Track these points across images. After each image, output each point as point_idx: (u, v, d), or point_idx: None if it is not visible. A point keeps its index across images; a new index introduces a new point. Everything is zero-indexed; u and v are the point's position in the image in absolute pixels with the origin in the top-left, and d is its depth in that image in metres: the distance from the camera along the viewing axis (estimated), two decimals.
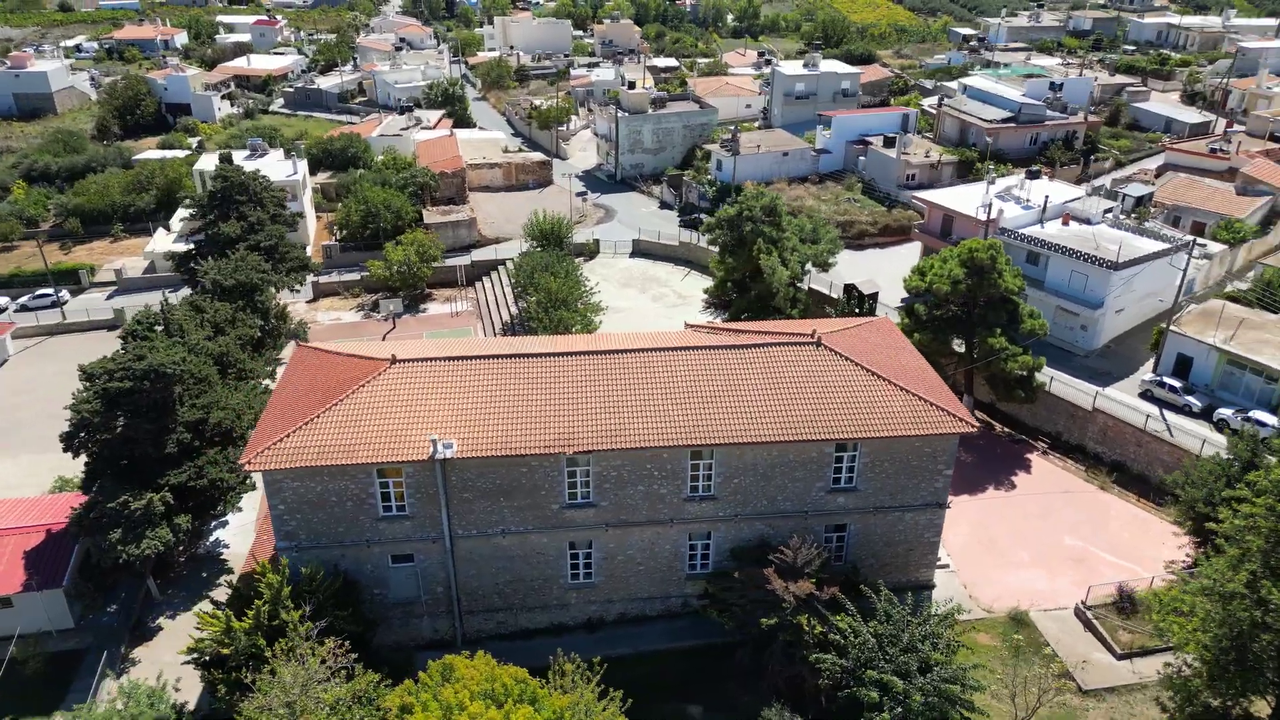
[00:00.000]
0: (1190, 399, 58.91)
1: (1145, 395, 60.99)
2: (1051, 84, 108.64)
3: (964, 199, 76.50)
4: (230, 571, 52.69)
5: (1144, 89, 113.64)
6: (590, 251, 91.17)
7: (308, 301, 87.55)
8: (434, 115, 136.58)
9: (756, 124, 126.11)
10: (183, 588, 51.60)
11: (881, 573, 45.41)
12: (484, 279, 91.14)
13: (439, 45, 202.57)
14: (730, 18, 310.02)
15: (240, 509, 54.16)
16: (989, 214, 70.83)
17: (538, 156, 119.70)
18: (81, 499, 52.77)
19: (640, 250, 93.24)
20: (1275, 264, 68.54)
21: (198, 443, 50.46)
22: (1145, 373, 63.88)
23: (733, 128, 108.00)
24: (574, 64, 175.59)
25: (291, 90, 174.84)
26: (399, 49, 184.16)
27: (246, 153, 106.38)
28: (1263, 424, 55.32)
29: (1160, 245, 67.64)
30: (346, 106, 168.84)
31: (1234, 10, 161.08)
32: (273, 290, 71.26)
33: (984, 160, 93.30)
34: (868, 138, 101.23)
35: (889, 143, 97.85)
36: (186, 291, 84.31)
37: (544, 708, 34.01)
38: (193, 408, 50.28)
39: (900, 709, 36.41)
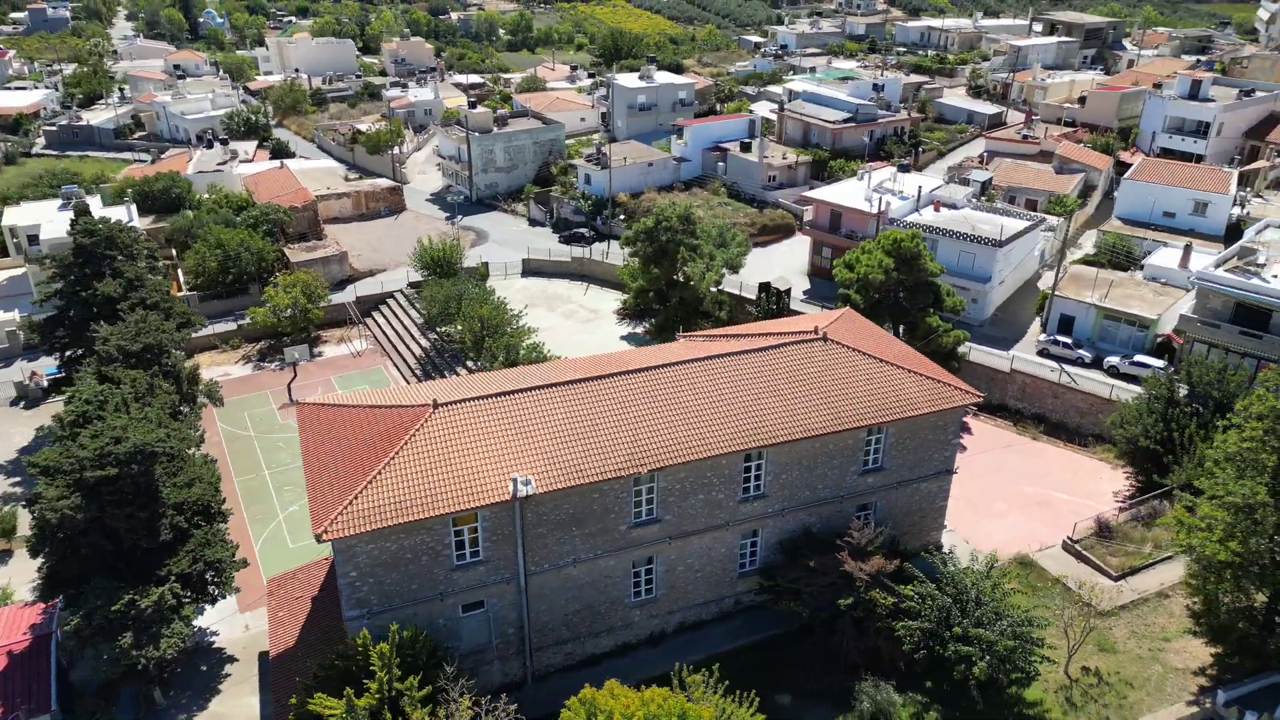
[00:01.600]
0: (1081, 352, 68.09)
1: (1043, 353, 69.65)
2: (875, 85, 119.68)
3: (846, 195, 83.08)
4: (233, 660, 48.10)
5: (937, 86, 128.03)
6: (481, 274, 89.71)
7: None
8: (248, 147, 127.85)
9: (597, 136, 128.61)
10: (185, 687, 46.43)
11: (901, 540, 49.43)
12: (373, 314, 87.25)
13: (219, 72, 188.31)
14: (503, 32, 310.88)
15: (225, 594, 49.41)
16: (879, 207, 77.61)
17: (386, 183, 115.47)
18: (35, 609, 46.65)
19: (531, 269, 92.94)
20: (1110, 230, 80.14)
21: (185, 524, 45.75)
22: (1033, 335, 72.89)
23: (596, 142, 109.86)
24: (386, 84, 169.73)
25: (54, 129, 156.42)
26: (180, 77, 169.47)
27: (60, 203, 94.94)
28: (1146, 365, 65.22)
29: (1025, 222, 77.24)
30: (126, 143, 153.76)
31: (980, 13, 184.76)
32: (179, 352, 64.87)
33: (834, 159, 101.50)
34: (722, 144, 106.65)
35: (745, 148, 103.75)
36: (47, 362, 75.06)
37: None
38: (175, 487, 45.53)
39: (990, 657, 40.36)
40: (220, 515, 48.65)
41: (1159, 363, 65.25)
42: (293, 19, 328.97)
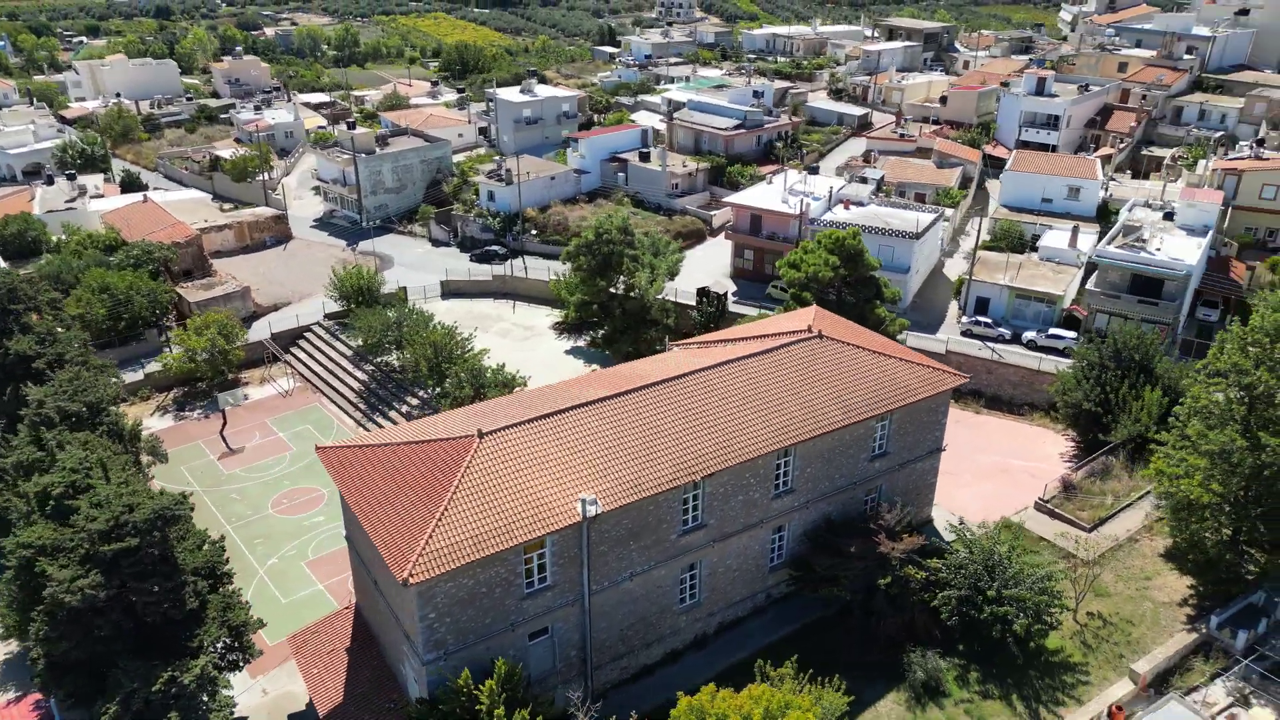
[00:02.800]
0: (1001, 330, 74.46)
1: (966, 334, 75.58)
2: (755, 92, 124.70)
3: (763, 199, 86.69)
4: None
5: (802, 91, 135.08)
6: (400, 299, 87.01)
7: None
8: (95, 181, 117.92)
9: (480, 151, 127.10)
10: None
11: (908, 514, 52.76)
12: (292, 350, 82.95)
13: (32, 101, 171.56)
14: (328, 47, 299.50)
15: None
16: (800, 208, 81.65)
17: (270, 211, 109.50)
18: (24, 706, 42.44)
19: (451, 291, 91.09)
20: (1001, 217, 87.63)
21: (205, 588, 42.68)
22: (951, 318, 78.92)
23: (496, 158, 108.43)
24: (236, 106, 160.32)
25: None
26: None
27: None
28: (1060, 337, 72.24)
29: (931, 215, 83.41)
30: None
31: (819, 20, 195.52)
32: (115, 408, 59.62)
33: (731, 165, 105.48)
34: (619, 155, 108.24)
35: (644, 157, 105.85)
36: None
37: (801, 709, 36.21)
38: (188, 551, 42.41)
39: (1023, 615, 44.14)
40: (226, 576, 45.58)
41: (1071, 334, 72.40)
42: (83, 39, 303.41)
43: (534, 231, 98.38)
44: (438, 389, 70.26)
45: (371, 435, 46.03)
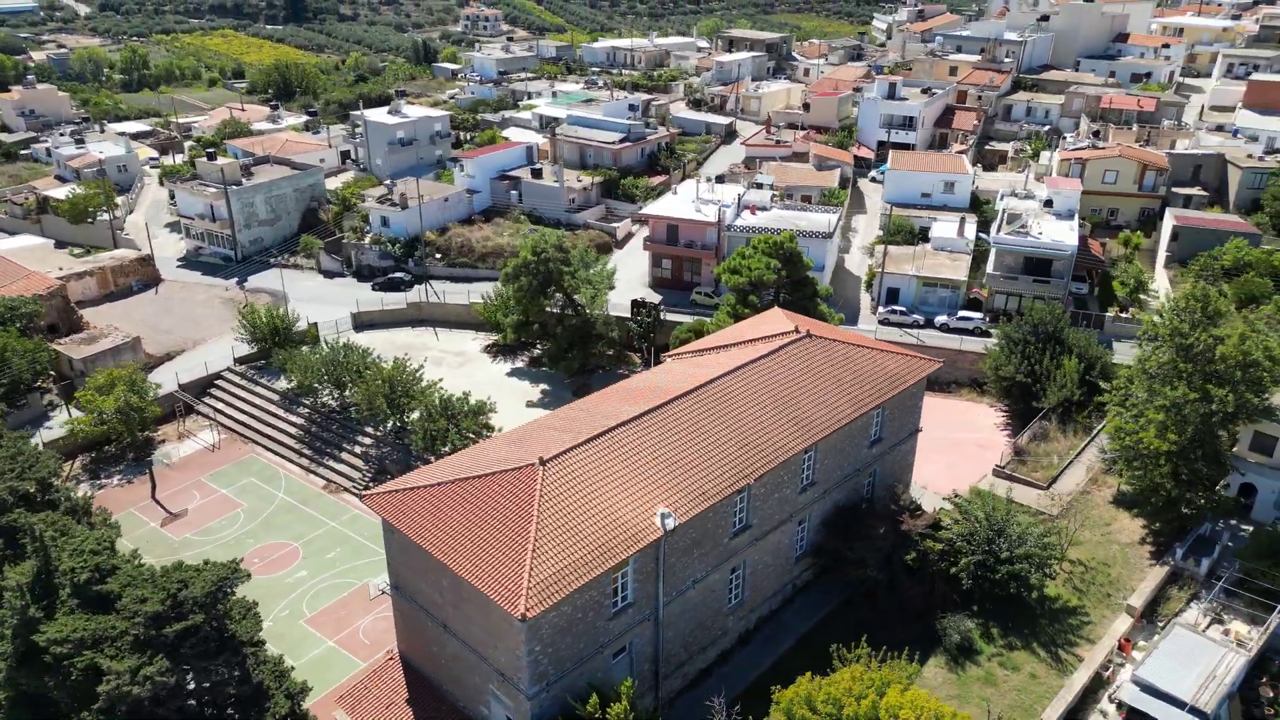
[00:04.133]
0: (915, 316, 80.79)
1: (884, 322, 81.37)
2: (631, 105, 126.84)
3: (676, 209, 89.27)
4: None
5: (664, 102, 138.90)
6: (312, 336, 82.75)
7: None
8: None
9: (350, 176, 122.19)
10: None
11: (886, 495, 56.80)
12: (205, 400, 77.11)
13: None
14: (112, 71, 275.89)
15: None
16: (719, 217, 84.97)
17: (132, 253, 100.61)
18: None
19: (364, 323, 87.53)
20: (893, 213, 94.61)
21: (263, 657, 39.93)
22: (865, 309, 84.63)
23: (387, 182, 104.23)
24: (43, 139, 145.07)
25: None
26: None
27: None
28: (969, 319, 79.35)
29: (835, 215, 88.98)
30: None
31: (655, 33, 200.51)
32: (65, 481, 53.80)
33: (623, 177, 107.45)
34: (508, 172, 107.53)
35: (536, 174, 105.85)
36: None
37: (900, 684, 38.90)
38: (239, 621, 39.53)
39: (1035, 571, 48.99)
40: (260, 643, 42.66)
41: (977, 315, 79.69)
42: None
43: (438, 255, 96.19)
44: (397, 424, 67.88)
45: (415, 476, 44.27)
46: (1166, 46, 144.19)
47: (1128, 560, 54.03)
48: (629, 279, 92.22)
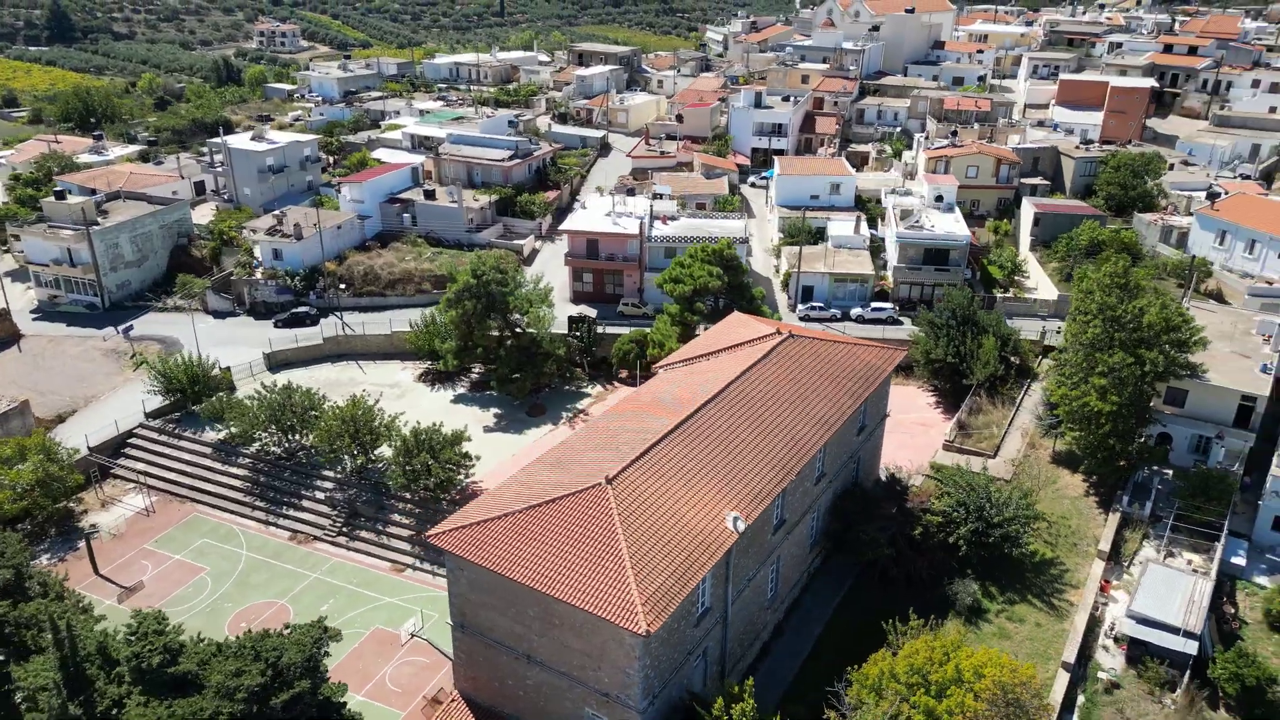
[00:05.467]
0: (833, 310, 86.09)
1: (805, 319, 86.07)
2: (510, 121, 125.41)
3: (594, 223, 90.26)
4: None
5: (530, 117, 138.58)
6: (228, 382, 77.47)
7: None
8: None
9: (213, 207, 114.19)
10: None
11: (865, 478, 61.05)
12: (119, 460, 70.57)
13: None
14: None
15: None
16: (641, 228, 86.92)
17: None
18: None
19: (280, 362, 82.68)
20: (788, 215, 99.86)
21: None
22: (782, 307, 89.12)
23: (279, 211, 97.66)
24: None
25: None
26: None
27: None
28: (882, 309, 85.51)
29: (741, 221, 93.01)
30: None
31: (499, 47, 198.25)
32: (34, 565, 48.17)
33: (521, 194, 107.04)
34: (397, 195, 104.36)
35: (429, 195, 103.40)
36: None
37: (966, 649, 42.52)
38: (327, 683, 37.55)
39: (1025, 533, 54.30)
40: (344, 703, 40.53)
41: (888, 305, 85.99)
42: None
43: (342, 286, 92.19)
44: (360, 463, 65.10)
45: (474, 510, 43.02)
46: (980, 52, 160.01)
47: (1080, 512, 60.70)
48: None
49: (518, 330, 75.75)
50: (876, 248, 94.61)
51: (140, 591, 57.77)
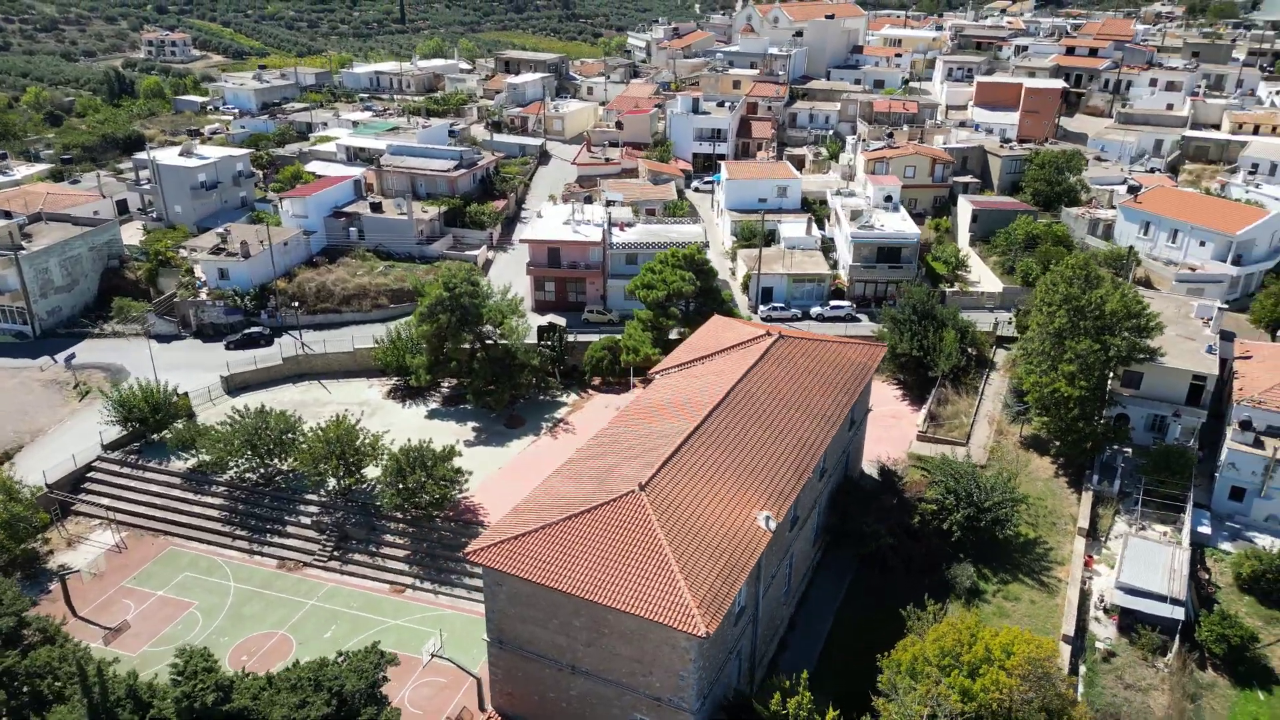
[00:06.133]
0: (793, 310, 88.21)
1: (767, 319, 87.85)
2: (451, 131, 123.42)
3: (554, 232, 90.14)
4: None
5: (464, 125, 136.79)
6: (186, 409, 74.50)
7: None
8: None
9: (140, 226, 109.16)
10: None
11: (852, 472, 63.10)
12: (80, 496, 67.12)
13: None
14: None
15: None
16: (606, 237, 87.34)
17: None
18: None
19: (239, 385, 79.91)
20: (742, 220, 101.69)
21: None
22: (743, 308, 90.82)
23: (222, 229, 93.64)
24: None
25: None
26: None
27: None
28: (840, 306, 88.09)
29: (695, 226, 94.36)
30: None
31: (418, 57, 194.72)
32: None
33: (469, 205, 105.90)
34: (341, 209, 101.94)
35: (376, 208, 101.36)
36: None
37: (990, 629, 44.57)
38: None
39: (1012, 517, 57.01)
40: None
41: (846, 303, 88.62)
42: None
43: (295, 304, 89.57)
44: (346, 485, 63.58)
45: (506, 525, 42.62)
46: (899, 56, 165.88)
47: (1054, 492, 64.01)
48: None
49: (490, 342, 75.17)
50: (826, 248, 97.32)
51: (127, 632, 55.20)
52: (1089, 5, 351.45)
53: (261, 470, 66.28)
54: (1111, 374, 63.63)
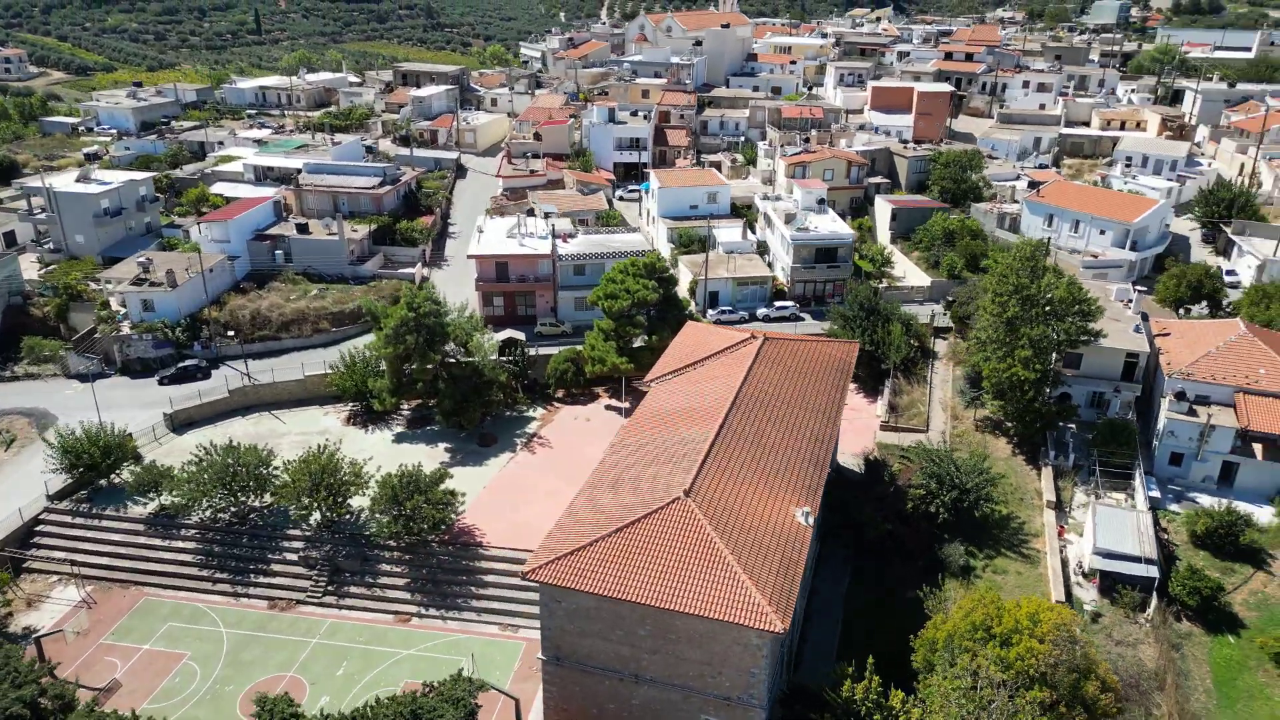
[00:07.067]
0: (742, 313, 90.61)
1: (717, 322, 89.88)
2: (368, 147, 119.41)
3: (502, 246, 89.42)
4: None
5: (369, 140, 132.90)
6: (133, 450, 70.11)
7: None
8: None
9: (34, 258, 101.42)
10: None
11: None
12: (30, 552, 62.29)
13: None
14: None
15: None
16: (554, 250, 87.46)
17: None
18: None
19: (184, 421, 75.76)
20: (673, 225, 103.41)
21: None
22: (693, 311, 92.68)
23: (144, 259, 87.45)
24: None
25: None
26: None
27: None
28: (785, 307, 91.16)
29: (637, 235, 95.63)
30: None
31: (307, 69, 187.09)
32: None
33: (398, 222, 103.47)
34: (264, 232, 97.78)
35: (302, 229, 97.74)
36: None
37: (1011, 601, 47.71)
38: None
39: (992, 496, 60.85)
40: None
41: (790, 304, 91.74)
42: None
43: (230, 333, 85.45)
44: (330, 516, 61.50)
45: (555, 543, 42.40)
46: (793, 63, 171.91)
47: (1015, 470, 68.51)
48: None
49: (452, 360, 74.10)
50: (759, 250, 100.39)
51: (119, 691, 51.80)
52: (942, 12, 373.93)
53: (234, 509, 63.25)
54: (1055, 356, 68.71)
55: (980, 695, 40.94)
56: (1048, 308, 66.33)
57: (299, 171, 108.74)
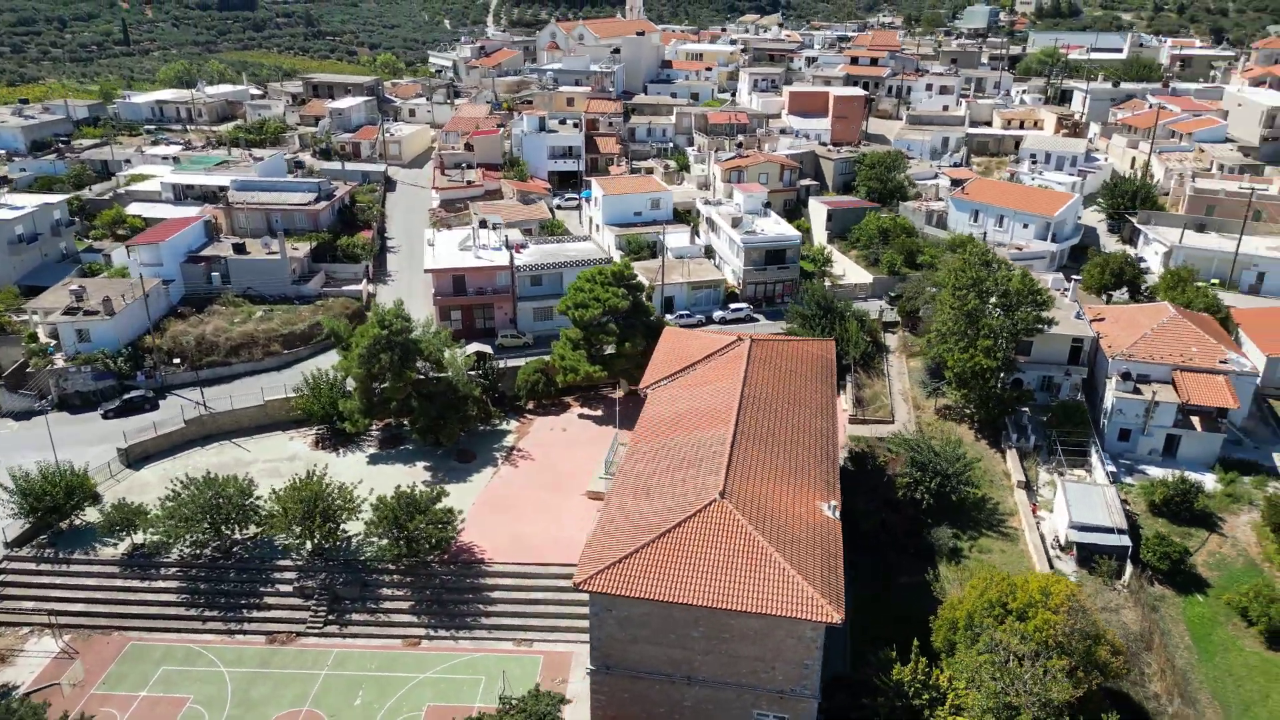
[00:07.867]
0: (699, 316, 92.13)
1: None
2: (296, 162, 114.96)
3: (457, 259, 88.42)
4: None
5: (290, 156, 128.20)
6: (92, 488, 66.26)
7: None
8: None
9: None
10: None
11: None
12: (1, 605, 58.45)
13: None
14: None
15: None
16: (510, 260, 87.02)
17: None
18: None
19: (140, 455, 72.01)
20: (624, 233, 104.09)
21: None
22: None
23: (76, 288, 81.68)
24: None
25: None
26: None
27: None
28: (740, 309, 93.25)
29: (587, 244, 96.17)
30: None
31: (205, 82, 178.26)
32: None
33: (339, 238, 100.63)
34: (197, 254, 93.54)
35: (240, 249, 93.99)
36: None
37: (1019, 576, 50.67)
38: None
39: (971, 482, 64.11)
40: None
41: (744, 306, 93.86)
42: None
43: (176, 361, 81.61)
44: (322, 544, 59.81)
45: (598, 552, 42.48)
46: (708, 69, 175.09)
47: (981, 454, 72.20)
48: None
49: (422, 377, 72.97)
50: (705, 254, 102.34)
51: None
52: (821, 17, 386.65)
53: (216, 543, 60.72)
54: (1010, 343, 72.85)
55: (1010, 670, 43.40)
56: (1005, 299, 70.32)
57: (224, 189, 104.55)
